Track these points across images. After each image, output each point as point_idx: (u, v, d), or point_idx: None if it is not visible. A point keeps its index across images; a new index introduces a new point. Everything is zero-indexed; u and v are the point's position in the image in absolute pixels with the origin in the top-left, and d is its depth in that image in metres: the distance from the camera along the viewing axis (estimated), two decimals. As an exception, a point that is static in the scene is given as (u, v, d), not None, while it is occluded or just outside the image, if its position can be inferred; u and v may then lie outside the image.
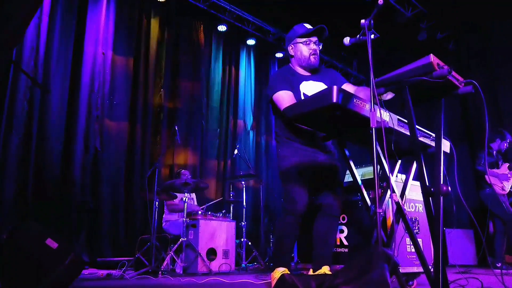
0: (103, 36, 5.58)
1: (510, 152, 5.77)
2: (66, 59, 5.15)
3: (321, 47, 2.68)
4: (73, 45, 5.26)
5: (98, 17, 5.56)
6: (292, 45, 2.70)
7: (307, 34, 2.63)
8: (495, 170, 5.15)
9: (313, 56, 2.63)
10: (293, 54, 2.71)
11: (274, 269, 2.52)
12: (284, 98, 2.45)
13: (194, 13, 6.65)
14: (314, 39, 2.64)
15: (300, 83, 2.62)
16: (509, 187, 5.07)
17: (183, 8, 6.55)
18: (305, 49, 2.64)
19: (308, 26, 2.67)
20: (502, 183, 5.04)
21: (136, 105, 5.84)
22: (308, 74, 2.71)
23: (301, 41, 2.64)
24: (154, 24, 6.26)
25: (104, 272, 3.79)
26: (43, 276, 2.32)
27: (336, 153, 2.72)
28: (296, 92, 2.57)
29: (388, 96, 2.04)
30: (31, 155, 4.63)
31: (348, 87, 2.61)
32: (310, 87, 2.62)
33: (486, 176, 4.97)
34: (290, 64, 2.77)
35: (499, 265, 4.74)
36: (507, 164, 5.21)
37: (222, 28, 6.90)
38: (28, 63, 4.72)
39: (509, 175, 5.12)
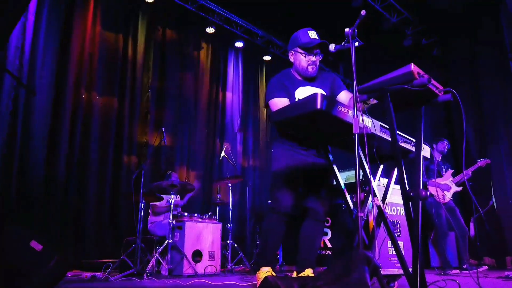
0: (90, 36, 5.55)
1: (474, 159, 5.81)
2: (52, 58, 5.11)
3: (321, 58, 2.66)
4: (60, 44, 5.21)
5: (85, 16, 5.53)
6: (293, 52, 2.69)
7: (308, 48, 2.60)
8: (438, 180, 5.18)
9: (311, 66, 2.63)
10: (292, 61, 2.72)
11: (259, 269, 2.57)
12: (277, 105, 2.47)
13: (182, 14, 6.65)
14: (315, 51, 2.62)
15: (296, 89, 2.64)
16: (450, 196, 5.12)
17: (171, 10, 6.54)
18: (304, 59, 2.63)
19: (311, 35, 2.62)
20: (443, 192, 5.10)
21: (124, 105, 5.81)
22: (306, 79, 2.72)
23: (301, 51, 2.63)
24: (142, 26, 6.24)
25: (88, 274, 3.76)
26: (27, 278, 2.31)
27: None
28: (292, 98, 2.59)
29: (375, 100, 2.09)
30: (15, 155, 4.58)
31: (346, 94, 2.65)
32: (306, 93, 2.60)
33: (428, 187, 5.04)
34: (290, 69, 2.77)
35: (465, 266, 4.84)
36: (451, 171, 5.26)
37: (210, 30, 6.91)
38: (13, 62, 4.67)
39: (450, 185, 5.16)
